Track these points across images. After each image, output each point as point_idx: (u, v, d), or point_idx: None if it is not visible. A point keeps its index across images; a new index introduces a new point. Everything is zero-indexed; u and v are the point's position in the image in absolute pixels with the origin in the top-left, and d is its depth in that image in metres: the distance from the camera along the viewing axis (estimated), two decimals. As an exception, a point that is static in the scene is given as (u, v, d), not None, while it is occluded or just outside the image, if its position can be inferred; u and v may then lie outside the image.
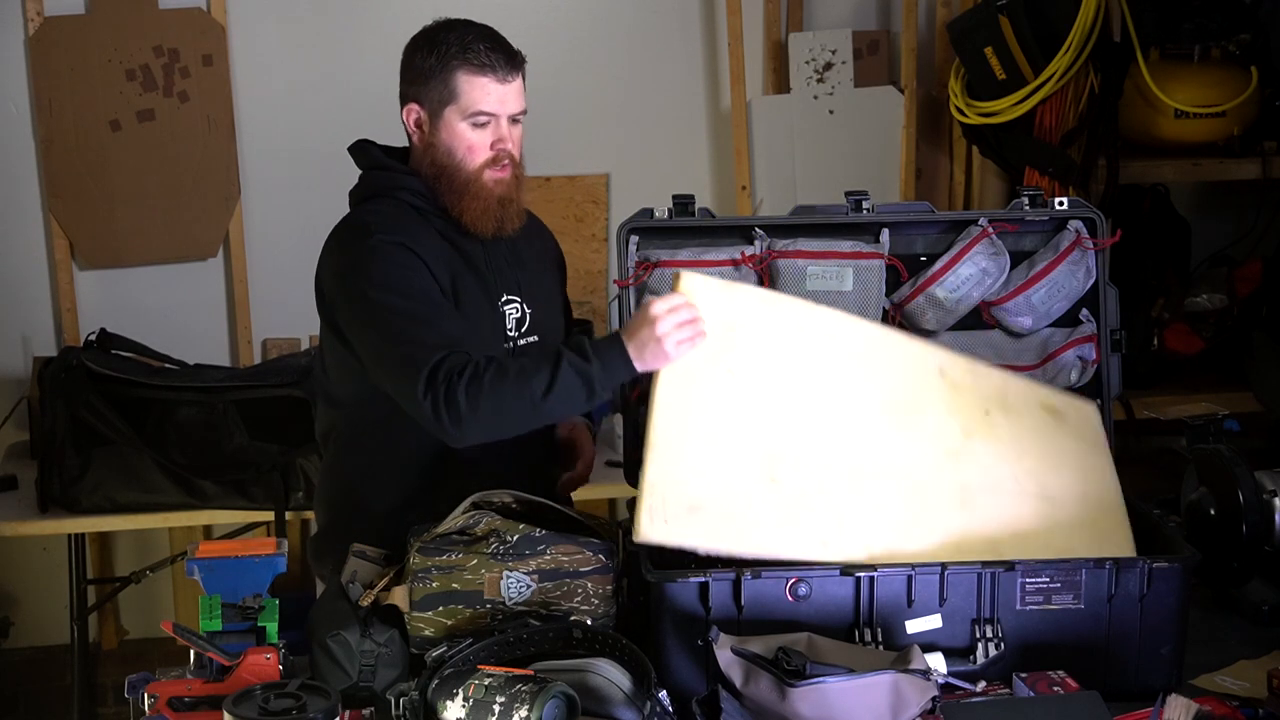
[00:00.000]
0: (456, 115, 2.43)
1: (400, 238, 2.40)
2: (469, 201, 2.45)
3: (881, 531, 2.20)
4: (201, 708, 2.03)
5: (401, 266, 2.37)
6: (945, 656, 2.14)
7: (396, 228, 2.42)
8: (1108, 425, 2.62)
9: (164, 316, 4.07)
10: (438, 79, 2.43)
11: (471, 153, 2.44)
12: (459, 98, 2.42)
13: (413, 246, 2.40)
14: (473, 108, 2.42)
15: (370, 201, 2.50)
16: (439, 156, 2.45)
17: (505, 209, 2.48)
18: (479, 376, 2.21)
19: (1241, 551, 2.44)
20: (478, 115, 2.43)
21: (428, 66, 2.44)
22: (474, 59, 2.42)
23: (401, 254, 2.38)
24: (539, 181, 4.24)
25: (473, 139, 2.44)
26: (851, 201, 2.64)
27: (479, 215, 2.46)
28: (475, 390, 2.21)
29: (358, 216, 2.48)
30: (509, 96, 2.45)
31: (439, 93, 2.43)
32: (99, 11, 3.97)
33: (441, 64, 2.43)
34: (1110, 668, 2.17)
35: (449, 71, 2.42)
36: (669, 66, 4.32)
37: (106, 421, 3.47)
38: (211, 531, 3.89)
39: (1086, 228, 2.64)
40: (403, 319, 2.32)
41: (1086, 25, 3.66)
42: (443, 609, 2.14)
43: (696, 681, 2.10)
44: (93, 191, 4.02)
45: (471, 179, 2.45)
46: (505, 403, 2.21)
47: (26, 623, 4.16)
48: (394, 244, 2.39)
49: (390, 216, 2.45)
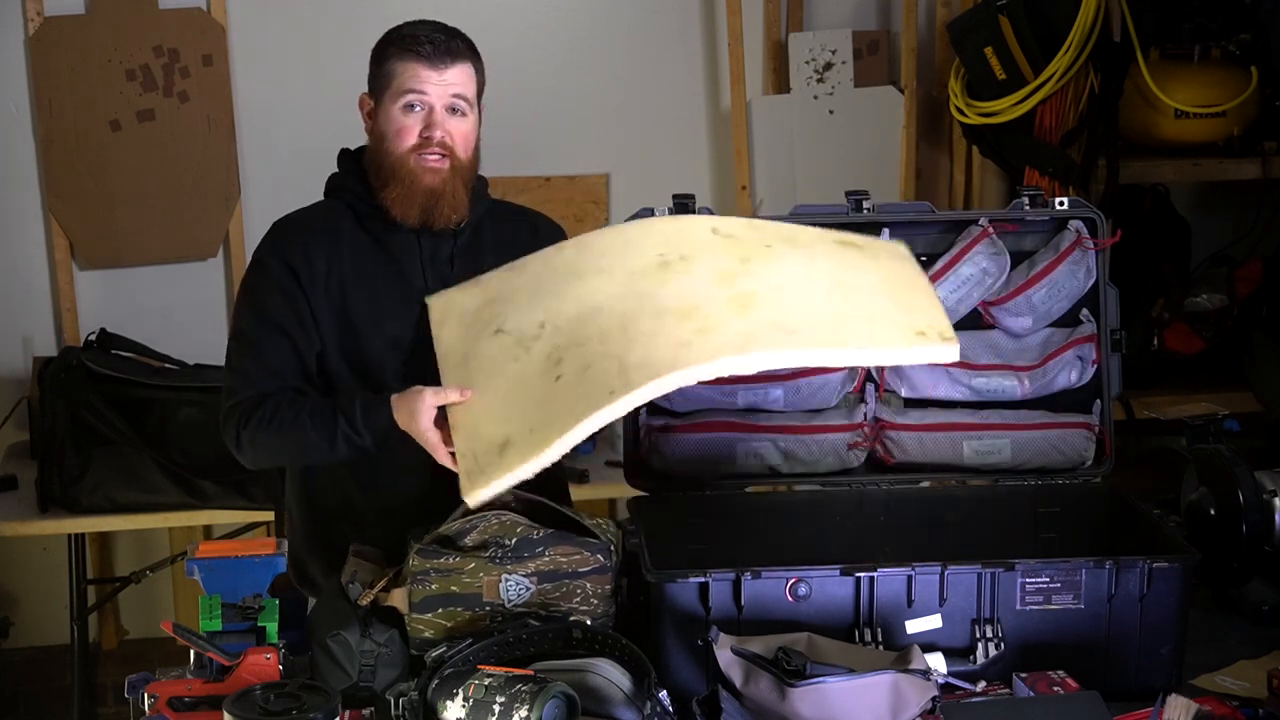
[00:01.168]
0: (391, 99, 2.44)
1: (287, 252, 2.45)
2: (393, 187, 2.43)
3: (662, 358, 2.09)
4: (201, 708, 2.03)
5: (268, 288, 2.45)
6: (945, 656, 2.14)
7: (293, 239, 2.47)
8: (1108, 425, 2.63)
9: (164, 316, 4.07)
10: (379, 66, 2.46)
11: (399, 136, 2.43)
12: (391, 82, 2.43)
13: (292, 261, 2.44)
14: (401, 89, 2.42)
15: (324, 199, 2.56)
16: (375, 142, 2.47)
17: (435, 200, 2.44)
18: (261, 426, 2.38)
19: (1241, 551, 2.44)
20: (405, 95, 2.42)
21: (375, 56, 2.48)
22: (408, 45, 2.43)
23: (277, 271, 2.45)
24: (539, 181, 4.24)
25: (402, 122, 2.43)
26: (851, 201, 2.63)
27: (400, 201, 2.43)
28: (256, 439, 2.40)
29: (282, 220, 2.54)
30: (443, 81, 2.42)
31: (380, 80, 2.46)
32: (99, 11, 3.97)
33: (383, 51, 2.46)
34: (1110, 668, 2.17)
35: (386, 58, 2.45)
36: (669, 66, 4.32)
37: (106, 421, 3.47)
38: (211, 531, 3.89)
39: (1087, 228, 2.64)
40: (240, 344, 2.46)
41: (1086, 25, 3.66)
42: (442, 611, 2.14)
43: (696, 681, 2.10)
44: (93, 191, 4.02)
45: (398, 163, 2.43)
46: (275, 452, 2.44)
47: (26, 623, 4.16)
48: (274, 260, 2.45)
49: (305, 222, 2.51)
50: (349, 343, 2.46)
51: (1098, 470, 2.62)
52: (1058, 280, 2.64)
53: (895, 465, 2.63)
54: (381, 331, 2.46)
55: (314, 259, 2.45)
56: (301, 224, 2.51)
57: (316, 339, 2.45)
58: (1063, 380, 2.64)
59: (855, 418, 2.62)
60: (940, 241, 2.67)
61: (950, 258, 2.64)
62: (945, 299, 2.63)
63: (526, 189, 4.22)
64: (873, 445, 2.62)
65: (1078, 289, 2.65)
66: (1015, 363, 2.65)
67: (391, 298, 2.47)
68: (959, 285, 2.64)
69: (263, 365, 2.42)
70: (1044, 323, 2.67)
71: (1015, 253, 2.66)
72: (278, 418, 2.37)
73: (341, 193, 2.53)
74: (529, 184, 4.23)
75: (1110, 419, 2.64)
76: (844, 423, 2.61)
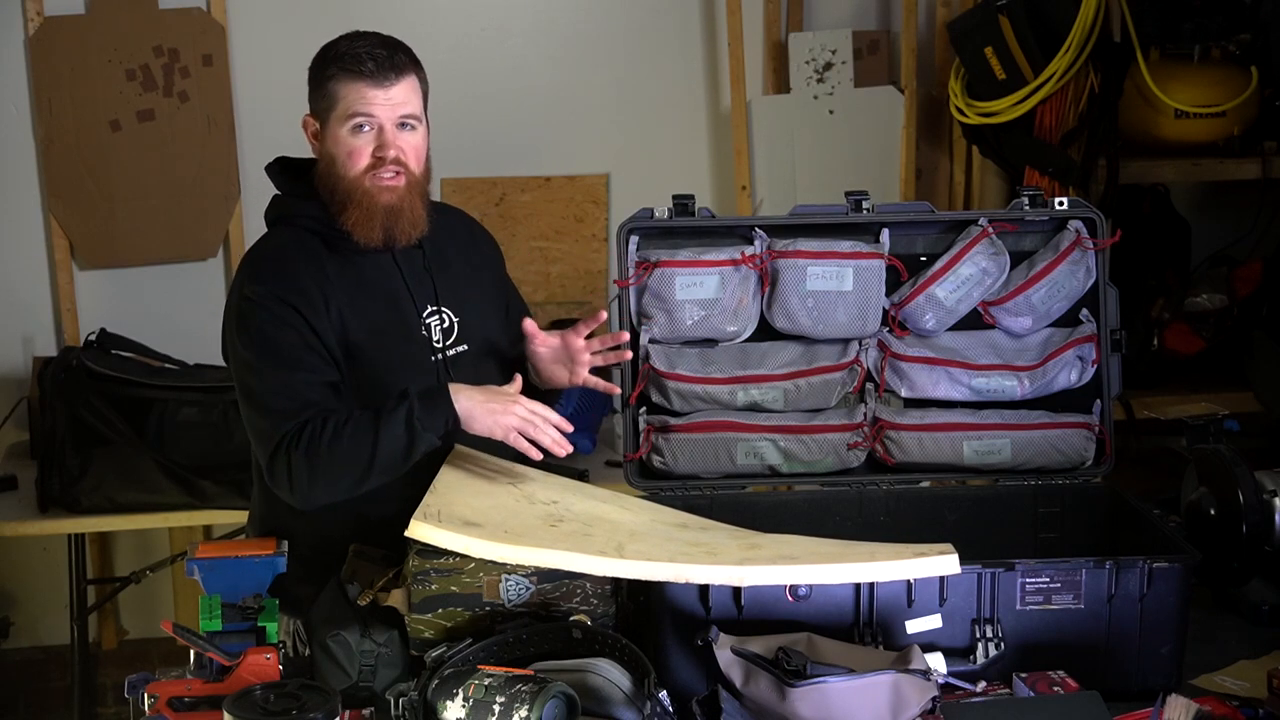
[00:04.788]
0: (338, 122, 2.37)
1: (279, 286, 2.35)
2: (352, 210, 2.37)
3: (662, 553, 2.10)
4: (201, 708, 2.03)
5: (276, 323, 2.34)
6: (945, 656, 2.14)
7: (280, 273, 2.38)
8: (1108, 425, 2.63)
9: (164, 316, 4.07)
10: (321, 88, 2.39)
11: (351, 159, 2.37)
12: (337, 104, 2.37)
13: (288, 296, 2.35)
14: (348, 111, 2.36)
15: (275, 228, 2.47)
16: (326, 166, 2.40)
17: (395, 218, 2.38)
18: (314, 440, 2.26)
19: (1241, 551, 2.44)
20: (353, 118, 2.36)
21: (316, 78, 2.41)
22: (350, 65, 2.36)
23: (276, 308, 2.34)
24: (539, 181, 4.24)
25: (353, 144, 2.37)
26: (851, 201, 2.64)
27: (361, 224, 2.37)
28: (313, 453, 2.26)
29: (253, 256, 2.45)
30: (390, 100, 2.37)
31: (324, 102, 2.39)
32: (99, 11, 3.97)
33: (323, 72, 2.39)
34: (1110, 668, 2.17)
35: (328, 79, 2.38)
36: (669, 66, 4.32)
37: (106, 421, 3.47)
38: (211, 531, 3.89)
39: (1086, 228, 2.64)
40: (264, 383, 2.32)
41: (1086, 25, 3.66)
42: (442, 611, 2.14)
43: (696, 681, 2.10)
44: (93, 191, 4.02)
45: (354, 186, 2.37)
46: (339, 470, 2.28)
47: (26, 623, 4.17)
48: (269, 296, 2.35)
49: (280, 255, 2.41)
50: (355, 369, 2.40)
51: (1098, 470, 2.62)
52: (1058, 280, 2.64)
53: (895, 465, 2.63)
54: (385, 356, 2.41)
55: (307, 289, 2.37)
56: (283, 258, 2.41)
57: (334, 369, 2.37)
58: (1063, 380, 2.64)
59: (855, 418, 2.62)
60: (940, 241, 2.67)
61: (950, 258, 2.64)
62: (945, 299, 2.64)
63: (526, 189, 4.22)
64: (873, 445, 2.62)
65: (1078, 289, 2.65)
66: (1015, 363, 2.65)
67: (386, 319, 2.42)
68: (959, 285, 2.64)
69: (292, 400, 2.30)
70: (1044, 323, 2.68)
71: (1015, 253, 2.67)
72: (327, 429, 2.26)
73: (299, 219, 2.43)
74: (529, 184, 4.23)
75: (1110, 419, 2.64)
76: (844, 423, 2.61)
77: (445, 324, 2.48)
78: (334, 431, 2.26)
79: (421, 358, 2.43)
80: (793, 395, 2.63)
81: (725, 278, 2.62)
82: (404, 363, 2.41)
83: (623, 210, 4.03)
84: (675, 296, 2.62)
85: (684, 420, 2.62)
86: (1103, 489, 2.59)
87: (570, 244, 4.27)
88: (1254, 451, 2.59)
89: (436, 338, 2.46)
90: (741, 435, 2.60)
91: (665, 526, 2.23)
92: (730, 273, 2.62)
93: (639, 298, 2.64)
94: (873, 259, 2.62)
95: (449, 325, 2.48)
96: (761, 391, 2.63)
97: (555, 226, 4.24)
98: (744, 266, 2.62)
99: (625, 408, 2.64)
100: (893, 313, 2.66)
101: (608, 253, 4.26)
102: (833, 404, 2.63)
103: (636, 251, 2.64)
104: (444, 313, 2.48)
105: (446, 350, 2.47)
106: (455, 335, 2.48)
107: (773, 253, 2.63)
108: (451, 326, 2.48)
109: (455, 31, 4.15)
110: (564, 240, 4.26)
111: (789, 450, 2.60)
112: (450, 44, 4.11)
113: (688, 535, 2.20)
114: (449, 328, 2.48)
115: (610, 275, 4.22)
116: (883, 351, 2.65)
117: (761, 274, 2.63)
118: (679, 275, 2.62)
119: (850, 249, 2.62)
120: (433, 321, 2.47)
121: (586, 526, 2.14)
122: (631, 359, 2.58)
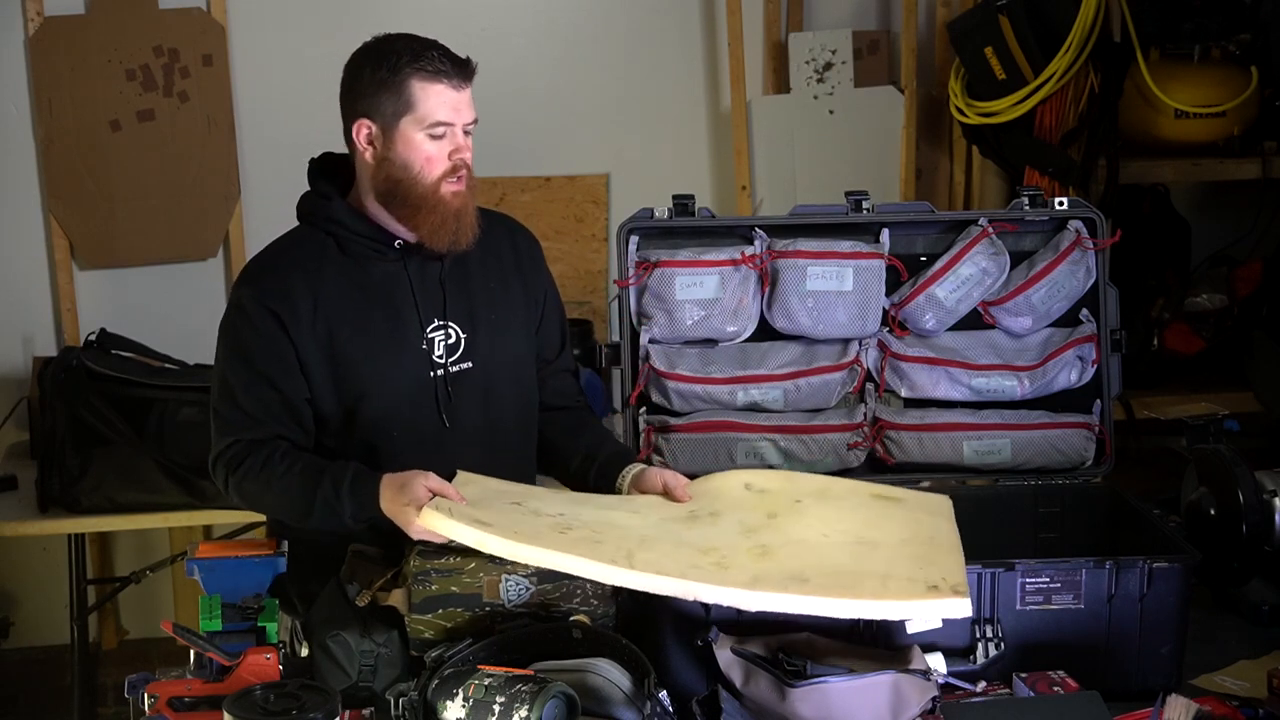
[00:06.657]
0: (413, 126, 2.33)
1: (265, 290, 2.35)
2: (425, 215, 2.35)
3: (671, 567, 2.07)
4: (201, 708, 2.03)
5: (250, 333, 2.34)
6: (945, 656, 2.14)
7: (272, 276, 2.37)
8: (1108, 425, 2.63)
9: (164, 316, 4.07)
10: (391, 90, 2.33)
11: (430, 164, 2.34)
12: (415, 107, 2.32)
13: (271, 302, 2.33)
14: (431, 117, 2.32)
15: (300, 225, 2.45)
16: (394, 171, 2.34)
17: (461, 222, 2.37)
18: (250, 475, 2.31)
19: (1241, 551, 2.44)
20: (436, 126, 2.33)
21: (379, 79, 2.34)
22: (428, 66, 2.33)
23: (258, 316, 2.33)
24: (539, 181, 4.24)
25: (430, 150, 2.33)
26: (851, 201, 2.64)
27: (436, 229, 2.35)
28: (244, 488, 2.32)
29: (259, 254, 2.45)
30: (463, 105, 2.35)
31: (393, 104, 2.33)
32: (99, 11, 3.97)
33: (394, 74, 2.33)
34: (1110, 668, 2.17)
35: (403, 81, 2.32)
36: (669, 66, 4.33)
37: (106, 421, 3.47)
38: (211, 531, 3.89)
39: (1086, 228, 2.64)
40: (225, 391, 2.36)
41: (1086, 25, 3.66)
42: (442, 611, 2.14)
43: (696, 681, 2.10)
44: (93, 191, 4.02)
45: (429, 192, 2.34)
46: (261, 505, 2.39)
47: (26, 623, 4.17)
48: (253, 300, 2.34)
49: (281, 256, 2.40)
50: (340, 380, 2.37)
51: (1097, 470, 2.62)
52: (1058, 280, 2.64)
53: (895, 465, 2.63)
54: (374, 366, 2.38)
55: (296, 300, 2.34)
56: (279, 262, 2.39)
57: (304, 384, 2.36)
58: (1063, 380, 2.64)
59: (855, 418, 2.62)
60: (940, 241, 2.68)
61: (950, 258, 2.64)
62: (945, 299, 2.64)
63: (527, 189, 4.23)
64: (873, 445, 2.62)
65: (1077, 289, 2.65)
66: (1015, 363, 2.65)
67: (381, 330, 2.39)
68: (959, 285, 2.64)
69: (249, 414, 2.33)
70: (1044, 323, 2.68)
71: (1015, 253, 2.67)
72: (266, 470, 2.30)
73: (322, 220, 2.41)
74: (529, 184, 4.23)
75: (1110, 419, 2.64)
76: (844, 423, 2.61)
77: (450, 339, 2.42)
78: (265, 482, 2.30)
79: (418, 371, 2.39)
80: (793, 395, 2.63)
81: (725, 278, 2.62)
82: (395, 373, 2.38)
83: (623, 210, 4.03)
84: (675, 296, 2.62)
85: (684, 420, 2.62)
86: (1103, 489, 2.59)
87: (570, 244, 4.27)
88: (1254, 451, 2.59)
89: (439, 352, 2.41)
90: (741, 435, 2.60)
91: (674, 525, 2.22)
92: (730, 273, 2.62)
93: (639, 298, 2.64)
94: (873, 259, 2.62)
95: (454, 341, 2.42)
96: (761, 391, 2.63)
97: (555, 226, 4.24)
98: (744, 266, 2.62)
99: (625, 408, 2.65)
100: (893, 313, 2.66)
101: (608, 253, 4.26)
102: (833, 404, 2.64)
103: (636, 251, 2.64)
104: (450, 327, 2.42)
105: (449, 366, 2.41)
106: (460, 352, 2.42)
107: (773, 253, 2.63)
108: (458, 343, 2.42)
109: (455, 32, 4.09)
110: (564, 240, 4.26)
111: (789, 450, 2.60)
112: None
113: (696, 536, 2.19)
114: (454, 343, 2.42)
115: (610, 275, 4.22)
116: (883, 351, 2.66)
117: (761, 274, 2.63)
118: (679, 275, 2.62)
119: (850, 249, 2.63)
120: (436, 335, 2.41)
121: (596, 533, 2.14)
122: (632, 359, 2.58)
